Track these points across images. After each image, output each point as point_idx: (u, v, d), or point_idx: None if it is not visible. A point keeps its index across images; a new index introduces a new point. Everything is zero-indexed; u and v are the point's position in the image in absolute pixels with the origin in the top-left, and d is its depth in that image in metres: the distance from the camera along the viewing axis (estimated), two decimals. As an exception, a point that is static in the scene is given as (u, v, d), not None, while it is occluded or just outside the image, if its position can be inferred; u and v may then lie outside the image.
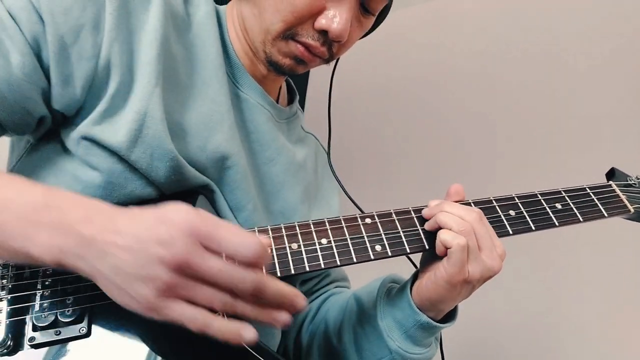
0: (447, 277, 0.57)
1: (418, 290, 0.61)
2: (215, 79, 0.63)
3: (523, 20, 1.80)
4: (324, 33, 0.60)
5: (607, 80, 1.60)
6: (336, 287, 0.82)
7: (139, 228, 0.40)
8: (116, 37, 0.54)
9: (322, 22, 0.59)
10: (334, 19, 0.59)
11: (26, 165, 0.59)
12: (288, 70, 0.65)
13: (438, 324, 0.61)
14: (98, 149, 0.53)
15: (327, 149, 0.82)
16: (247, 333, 0.41)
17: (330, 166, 0.80)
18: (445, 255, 0.57)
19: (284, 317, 0.43)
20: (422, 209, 0.62)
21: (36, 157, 0.58)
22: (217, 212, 0.61)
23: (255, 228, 0.57)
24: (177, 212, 0.41)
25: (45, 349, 0.46)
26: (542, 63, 1.72)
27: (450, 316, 0.64)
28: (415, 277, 0.64)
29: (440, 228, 0.58)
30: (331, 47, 0.63)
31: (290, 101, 0.81)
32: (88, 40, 0.53)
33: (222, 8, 0.70)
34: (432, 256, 0.60)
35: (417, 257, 0.65)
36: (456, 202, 0.61)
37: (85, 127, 0.53)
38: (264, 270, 0.45)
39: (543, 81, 1.70)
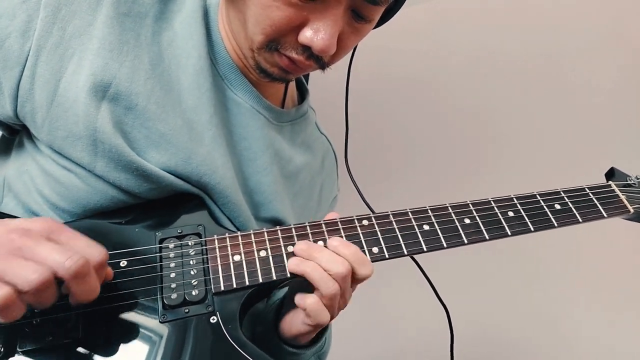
0: (295, 331, 0.57)
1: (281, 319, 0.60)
2: (195, 85, 0.60)
3: (523, 19, 1.79)
4: (308, 47, 0.56)
5: (606, 80, 1.59)
6: None
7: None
8: (45, 44, 0.52)
9: (305, 35, 0.54)
10: (317, 34, 0.54)
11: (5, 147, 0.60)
12: (278, 78, 0.61)
13: (287, 348, 0.60)
14: (66, 160, 0.53)
15: (344, 148, 0.78)
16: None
17: (347, 165, 0.76)
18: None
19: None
20: (421, 210, 0.61)
21: (18, 149, 0.59)
22: (215, 220, 0.59)
23: (251, 231, 0.57)
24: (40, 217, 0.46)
25: (37, 354, 0.45)
26: (544, 62, 1.72)
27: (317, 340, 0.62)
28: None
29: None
30: (320, 58, 0.58)
31: (301, 99, 0.77)
32: (13, 48, 0.52)
33: (214, 3, 0.65)
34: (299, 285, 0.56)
35: (418, 257, 0.64)
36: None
37: (47, 136, 0.52)
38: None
39: (543, 81, 1.70)
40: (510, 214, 0.63)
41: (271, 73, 0.60)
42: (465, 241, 0.60)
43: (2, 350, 0.45)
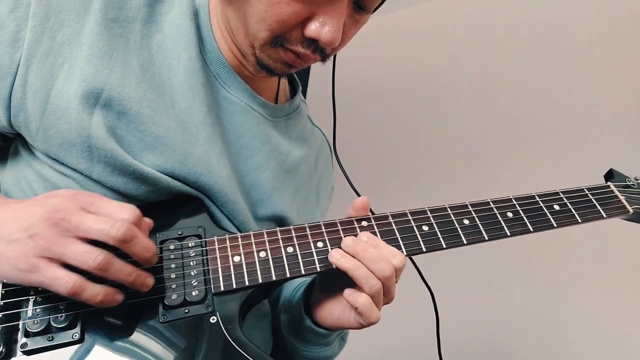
0: (337, 321, 0.60)
1: (314, 303, 0.63)
2: (187, 86, 0.60)
3: (523, 20, 1.80)
4: (314, 39, 0.56)
5: (605, 81, 1.60)
6: None
7: (29, 201, 0.47)
8: (34, 53, 0.52)
9: (311, 29, 0.55)
10: (324, 27, 0.54)
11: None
12: (280, 73, 0.62)
13: (320, 330, 0.63)
14: (63, 166, 0.53)
15: (332, 141, 0.79)
16: (118, 296, 0.47)
17: (337, 157, 0.76)
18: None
19: (149, 280, 0.49)
20: (420, 211, 0.61)
21: (13, 154, 0.59)
22: (215, 222, 0.59)
23: (251, 232, 0.57)
24: (64, 190, 0.48)
25: (38, 355, 0.46)
26: (542, 64, 1.72)
27: None
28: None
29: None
30: (324, 50, 0.59)
31: (293, 93, 0.77)
32: (4, 59, 0.52)
33: (203, 3, 0.65)
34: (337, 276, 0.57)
35: (416, 258, 0.64)
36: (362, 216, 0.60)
37: (42, 145, 0.53)
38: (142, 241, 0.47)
39: (542, 82, 1.70)
40: (510, 214, 0.63)
41: (274, 69, 0.61)
42: (465, 242, 0.60)
43: (2, 350, 0.45)
